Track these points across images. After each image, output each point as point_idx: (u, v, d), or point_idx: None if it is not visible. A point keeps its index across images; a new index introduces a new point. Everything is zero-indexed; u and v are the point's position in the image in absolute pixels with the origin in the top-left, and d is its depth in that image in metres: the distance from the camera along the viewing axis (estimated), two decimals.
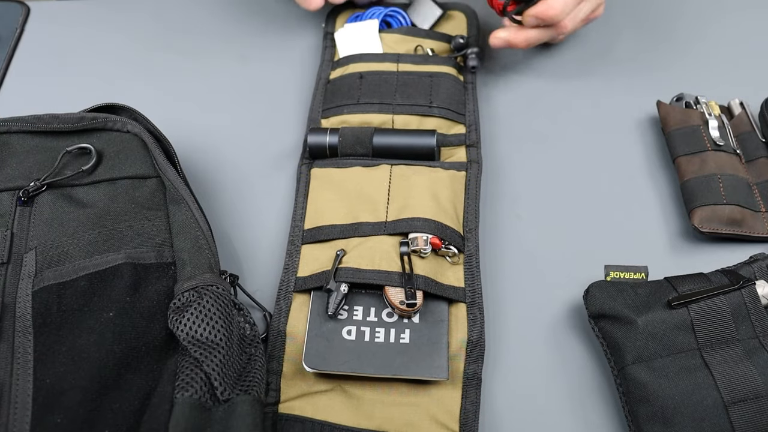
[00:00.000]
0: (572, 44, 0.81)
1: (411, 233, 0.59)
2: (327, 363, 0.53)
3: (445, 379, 0.53)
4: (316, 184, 0.65)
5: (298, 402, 0.53)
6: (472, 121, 0.70)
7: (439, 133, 0.68)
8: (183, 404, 0.45)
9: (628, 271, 0.58)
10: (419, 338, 0.55)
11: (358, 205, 0.62)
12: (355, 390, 0.54)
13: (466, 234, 0.61)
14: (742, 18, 0.83)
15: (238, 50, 0.79)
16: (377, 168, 0.65)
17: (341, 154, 0.66)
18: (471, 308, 0.57)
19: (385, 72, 0.72)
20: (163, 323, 0.51)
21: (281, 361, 0.55)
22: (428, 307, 0.57)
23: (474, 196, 0.64)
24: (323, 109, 0.71)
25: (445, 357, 0.54)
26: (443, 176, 0.64)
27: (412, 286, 0.56)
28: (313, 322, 0.56)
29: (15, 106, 0.68)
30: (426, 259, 0.59)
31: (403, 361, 0.54)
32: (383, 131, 0.67)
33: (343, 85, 0.72)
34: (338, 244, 0.60)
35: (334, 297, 0.56)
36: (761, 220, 0.63)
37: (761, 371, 0.51)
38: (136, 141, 0.61)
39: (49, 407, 0.46)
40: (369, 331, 0.55)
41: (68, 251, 0.54)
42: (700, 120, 0.68)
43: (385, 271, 0.57)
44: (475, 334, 0.56)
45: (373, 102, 0.70)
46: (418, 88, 0.70)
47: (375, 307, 0.57)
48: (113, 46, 0.79)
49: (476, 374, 0.54)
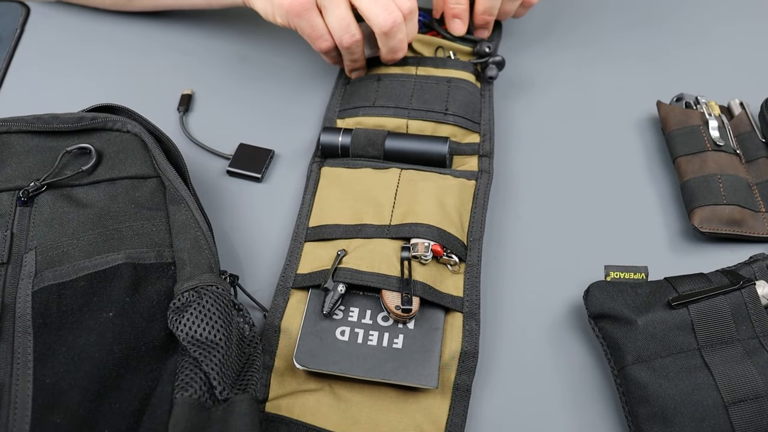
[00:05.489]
0: (572, 44, 0.81)
1: (413, 238, 0.59)
2: (317, 362, 0.53)
3: (434, 387, 0.52)
4: (325, 183, 0.65)
5: (285, 401, 0.53)
6: (487, 131, 0.69)
7: (453, 141, 0.68)
8: (183, 404, 0.45)
9: (628, 271, 0.57)
10: (412, 344, 0.54)
11: (363, 206, 0.62)
12: (344, 392, 0.53)
13: (470, 243, 0.61)
14: (742, 18, 0.84)
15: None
16: (387, 171, 0.65)
17: (353, 154, 0.66)
18: (467, 318, 0.57)
19: (403, 75, 0.72)
20: (162, 323, 0.51)
21: (273, 356, 0.55)
22: (424, 314, 0.56)
23: (481, 206, 0.64)
24: (340, 109, 0.71)
25: (436, 365, 0.53)
26: (452, 184, 0.64)
27: (409, 292, 0.55)
28: (308, 319, 0.56)
29: (15, 106, 0.68)
30: (427, 265, 0.58)
31: (393, 366, 0.53)
32: (396, 135, 0.67)
33: (361, 87, 0.72)
34: (341, 244, 0.60)
35: (330, 296, 0.56)
36: (761, 220, 0.63)
37: (761, 371, 0.51)
38: (136, 141, 0.61)
39: (48, 407, 0.46)
40: (363, 334, 0.55)
41: (68, 251, 0.54)
42: (700, 120, 0.68)
43: (383, 275, 0.56)
44: (469, 345, 0.55)
45: (389, 105, 0.69)
46: (434, 94, 0.70)
47: (371, 310, 0.56)
48: (113, 46, 0.79)
49: (466, 386, 0.54)
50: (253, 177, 0.68)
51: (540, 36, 0.81)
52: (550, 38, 0.81)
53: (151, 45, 0.79)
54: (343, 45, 0.67)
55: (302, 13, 0.65)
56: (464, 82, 0.71)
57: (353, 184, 0.64)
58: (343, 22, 0.65)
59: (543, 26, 0.82)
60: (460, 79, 0.71)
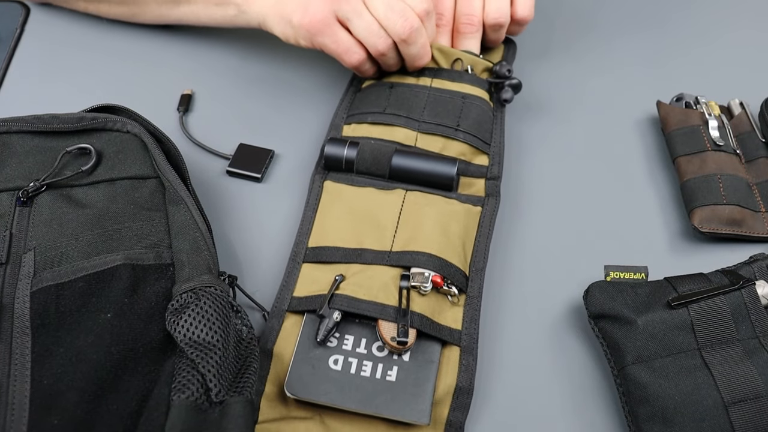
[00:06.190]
0: (572, 45, 0.81)
1: (413, 267, 0.57)
2: (308, 391, 0.52)
3: (425, 424, 0.51)
4: (327, 200, 0.63)
5: (275, 426, 0.51)
6: (496, 153, 0.67)
7: (462, 160, 0.66)
8: (179, 406, 0.45)
9: (628, 271, 0.57)
10: (406, 377, 0.53)
11: (364, 229, 0.60)
12: (334, 423, 0.52)
13: (472, 274, 0.59)
14: (742, 18, 0.84)
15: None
16: (391, 192, 0.63)
17: (357, 171, 0.64)
18: (464, 353, 0.55)
19: (417, 86, 0.69)
20: (161, 325, 0.50)
21: (264, 380, 0.53)
22: (420, 345, 0.54)
23: (486, 235, 0.61)
24: (348, 114, 0.69)
25: (429, 401, 0.51)
26: (458, 210, 0.62)
27: (406, 324, 0.53)
28: (302, 346, 0.54)
29: (15, 106, 0.68)
30: (426, 296, 0.56)
31: (385, 399, 0.51)
32: (404, 153, 0.64)
33: (372, 93, 0.69)
34: (339, 268, 0.58)
35: (325, 324, 0.54)
36: (761, 220, 0.63)
37: (761, 371, 0.50)
38: (136, 141, 0.61)
39: (46, 409, 0.46)
40: (356, 363, 0.53)
41: (67, 252, 0.54)
42: (700, 120, 0.68)
43: (381, 304, 0.55)
44: (464, 381, 0.53)
45: (400, 114, 0.67)
46: (447, 107, 0.68)
47: (366, 339, 0.55)
48: (113, 46, 0.79)
49: (459, 423, 0.52)
50: (253, 177, 0.68)
51: (538, 39, 0.81)
52: (549, 39, 0.81)
53: (152, 45, 0.79)
54: (379, 50, 0.65)
55: (324, 29, 0.63)
56: (479, 100, 0.69)
57: (356, 204, 0.62)
58: (373, 28, 0.63)
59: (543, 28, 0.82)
60: (475, 96, 0.69)
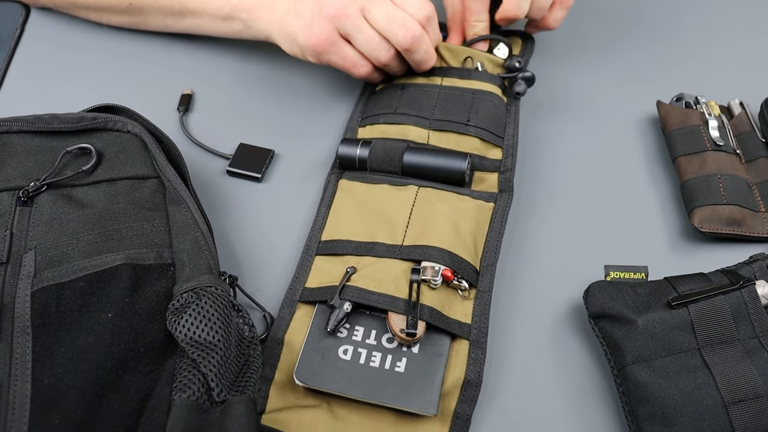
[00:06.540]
0: (571, 44, 0.81)
1: (424, 261, 0.57)
2: (317, 379, 0.52)
3: (433, 415, 0.51)
4: (341, 196, 0.64)
5: (283, 415, 0.52)
6: (510, 146, 0.68)
7: (475, 155, 0.66)
8: (180, 406, 0.45)
9: (628, 271, 0.57)
10: (415, 369, 0.53)
11: (377, 224, 0.61)
12: (342, 411, 0.53)
13: (483, 269, 0.59)
14: (742, 18, 0.84)
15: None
16: (404, 189, 0.64)
17: (370, 168, 0.65)
18: (473, 347, 0.55)
19: (427, 85, 0.71)
20: (161, 324, 0.50)
21: (274, 369, 0.54)
22: (430, 338, 0.55)
23: (498, 231, 0.62)
24: (362, 117, 0.71)
25: (437, 392, 0.52)
26: (470, 206, 0.62)
27: (415, 316, 0.54)
28: (312, 335, 0.55)
29: (15, 106, 0.68)
30: (437, 289, 0.57)
31: (394, 390, 0.52)
32: (415, 150, 0.65)
33: (384, 96, 0.71)
34: (351, 260, 0.59)
35: (335, 314, 0.55)
36: (761, 220, 0.63)
37: (761, 371, 0.50)
38: (137, 141, 0.61)
39: (47, 408, 0.46)
40: (365, 354, 0.54)
41: (67, 252, 0.54)
42: (700, 120, 0.68)
43: (391, 296, 0.55)
44: (472, 374, 0.54)
45: (411, 114, 0.68)
46: (458, 104, 0.69)
47: (376, 330, 0.55)
48: (114, 46, 0.79)
49: (466, 415, 0.52)
50: (253, 177, 0.68)
51: (538, 39, 0.81)
52: (549, 39, 0.81)
53: (152, 45, 0.79)
54: (382, 62, 0.67)
55: (329, 48, 0.65)
56: (489, 95, 0.70)
57: (369, 200, 0.63)
58: (374, 42, 0.65)
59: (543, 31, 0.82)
60: (486, 91, 0.70)
